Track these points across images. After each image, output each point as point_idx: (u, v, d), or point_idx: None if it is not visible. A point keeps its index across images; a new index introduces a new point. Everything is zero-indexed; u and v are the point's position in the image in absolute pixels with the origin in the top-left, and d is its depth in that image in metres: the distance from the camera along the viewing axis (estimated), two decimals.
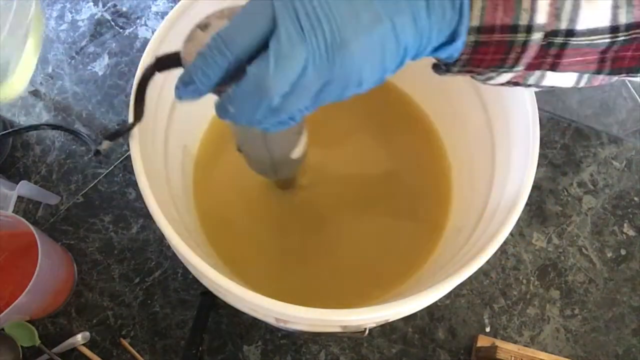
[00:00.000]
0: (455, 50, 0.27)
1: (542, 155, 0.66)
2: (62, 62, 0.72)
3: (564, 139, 0.68)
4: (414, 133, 0.59)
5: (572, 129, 0.68)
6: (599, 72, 0.29)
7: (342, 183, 0.57)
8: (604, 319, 0.60)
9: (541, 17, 0.26)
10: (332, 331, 0.38)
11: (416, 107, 0.60)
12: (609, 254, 0.63)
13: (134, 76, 0.40)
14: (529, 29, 0.26)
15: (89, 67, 0.71)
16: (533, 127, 0.39)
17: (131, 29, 0.73)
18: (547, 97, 0.69)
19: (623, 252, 0.63)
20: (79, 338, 0.57)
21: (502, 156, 0.45)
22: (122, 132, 0.37)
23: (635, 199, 0.65)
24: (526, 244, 0.63)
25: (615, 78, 0.30)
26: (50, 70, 0.71)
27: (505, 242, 0.39)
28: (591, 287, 0.61)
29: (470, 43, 0.27)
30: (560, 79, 0.30)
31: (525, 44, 0.27)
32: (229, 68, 0.25)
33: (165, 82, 0.44)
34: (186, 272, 0.60)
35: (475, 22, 0.26)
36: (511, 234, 0.49)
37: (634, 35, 0.27)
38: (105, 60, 0.72)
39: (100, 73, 0.71)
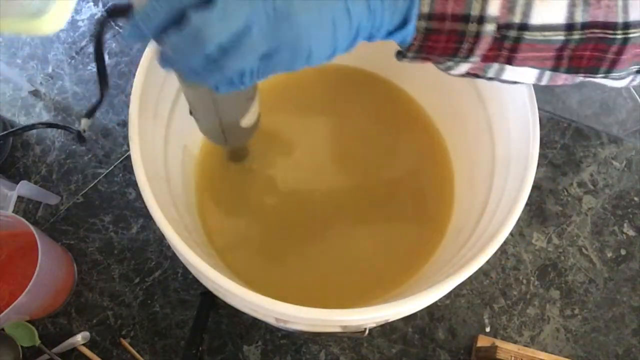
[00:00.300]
0: (407, 34, 0.28)
1: (542, 155, 0.66)
2: (62, 62, 0.72)
3: (564, 139, 0.68)
4: (415, 133, 0.59)
5: (572, 129, 0.68)
6: (556, 69, 0.29)
7: (343, 183, 0.57)
8: (604, 319, 0.60)
9: (493, 8, 0.26)
10: (332, 331, 0.38)
11: (417, 107, 0.60)
12: (609, 254, 0.63)
13: (134, 76, 0.40)
14: (481, 20, 0.27)
15: (89, 67, 0.71)
16: (533, 127, 0.39)
17: None
18: (547, 97, 0.69)
19: (623, 252, 0.63)
20: (79, 338, 0.57)
21: (502, 156, 0.45)
22: (96, 106, 0.37)
23: (635, 199, 0.65)
24: (526, 244, 0.63)
25: (579, 78, 0.30)
26: (50, 70, 0.71)
27: (505, 242, 0.39)
28: (591, 287, 0.61)
29: (421, 29, 0.28)
30: (521, 74, 0.30)
31: (477, 35, 0.27)
32: (173, 14, 0.25)
33: (165, 81, 0.44)
34: (186, 272, 0.60)
35: (426, 9, 0.27)
36: (511, 234, 0.49)
37: (589, 35, 0.27)
38: (105, 60, 0.72)
39: None
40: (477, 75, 0.31)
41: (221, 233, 0.54)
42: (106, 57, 0.72)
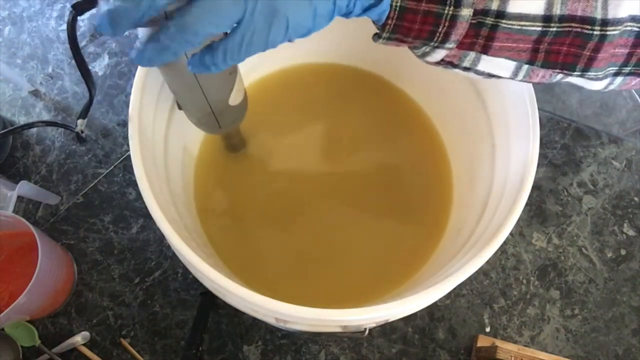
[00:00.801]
0: (382, 11, 0.28)
1: (542, 155, 0.66)
2: (62, 62, 0.72)
3: (564, 139, 0.68)
4: (415, 133, 0.59)
5: (572, 129, 0.68)
6: (532, 62, 0.29)
7: (342, 183, 0.57)
8: (604, 319, 0.60)
9: None
10: (332, 331, 0.38)
11: (416, 107, 0.60)
12: (609, 254, 0.63)
13: (134, 76, 0.40)
14: (458, 3, 0.27)
15: (89, 67, 0.71)
16: (533, 127, 0.39)
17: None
18: (547, 97, 0.69)
19: (623, 252, 0.63)
20: (79, 338, 0.57)
21: (502, 156, 0.45)
22: (88, 106, 0.38)
23: (635, 199, 0.65)
24: (526, 244, 0.63)
25: (557, 77, 0.30)
26: (50, 70, 0.71)
27: (505, 242, 0.39)
28: (591, 287, 0.61)
29: (395, 6, 0.27)
30: (496, 66, 0.30)
31: (453, 19, 0.27)
32: None
33: (165, 82, 0.44)
34: (186, 272, 0.60)
35: None
36: (511, 234, 0.49)
37: (567, 29, 0.27)
38: (105, 60, 0.72)
39: (100, 73, 0.71)
40: (452, 64, 0.30)
41: (221, 233, 0.54)
42: (106, 57, 0.72)
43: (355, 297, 0.50)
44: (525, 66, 0.29)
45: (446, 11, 0.27)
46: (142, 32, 0.33)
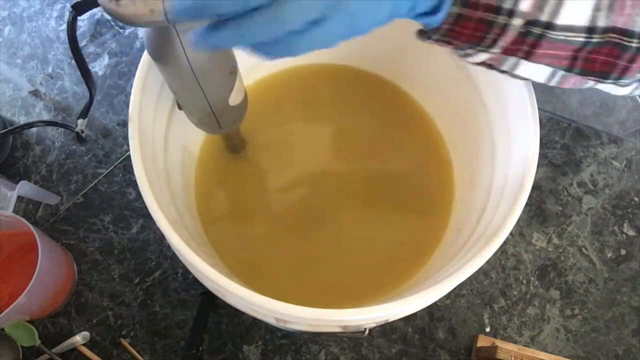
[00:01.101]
0: (438, 18, 0.29)
1: (542, 155, 0.66)
2: (62, 62, 0.72)
3: (564, 139, 0.68)
4: (416, 134, 0.59)
5: (572, 129, 0.68)
6: (569, 69, 0.30)
7: (343, 183, 0.57)
8: (604, 319, 0.60)
9: (525, 4, 0.27)
10: (332, 331, 0.38)
11: (418, 107, 0.60)
12: (609, 254, 0.63)
13: (134, 76, 0.40)
14: (511, 14, 0.28)
15: (89, 67, 0.71)
16: (533, 127, 0.39)
17: (131, 29, 0.73)
18: (547, 97, 0.69)
19: (623, 252, 0.63)
20: (79, 338, 0.57)
21: (502, 156, 0.45)
22: (88, 106, 0.38)
23: (635, 199, 0.65)
24: (526, 244, 0.63)
25: (587, 83, 0.31)
26: (50, 70, 0.72)
27: (505, 242, 0.39)
28: (591, 287, 0.61)
29: (453, 14, 0.28)
30: (534, 71, 0.31)
31: (504, 27, 0.28)
32: None
33: (165, 82, 0.44)
34: (186, 272, 0.60)
35: None
36: (511, 234, 0.49)
37: (607, 39, 0.28)
38: (105, 60, 0.72)
39: (100, 73, 0.71)
40: (491, 66, 0.32)
41: (221, 233, 0.54)
42: (106, 57, 0.72)
43: (355, 297, 0.50)
44: (561, 72, 0.31)
45: (499, 20, 0.28)
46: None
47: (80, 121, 0.39)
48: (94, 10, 0.75)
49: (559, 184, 0.66)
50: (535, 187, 0.65)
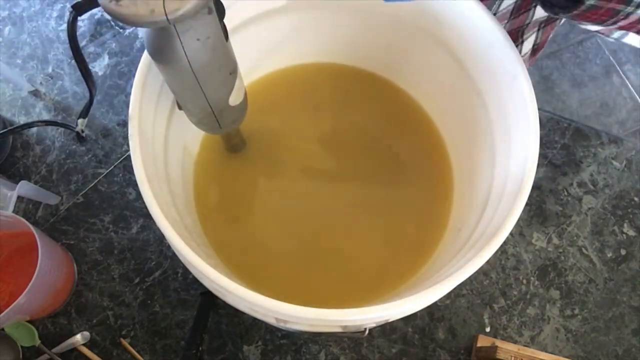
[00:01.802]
0: (574, 10, 0.32)
1: (542, 155, 0.66)
2: (62, 62, 0.72)
3: (564, 139, 0.68)
4: (416, 133, 0.59)
5: (572, 129, 0.68)
6: None
7: (342, 183, 0.57)
8: (604, 319, 0.60)
9: None
10: (332, 331, 0.38)
11: (417, 107, 0.60)
12: (609, 254, 0.63)
13: (134, 76, 0.40)
14: (638, 4, 0.31)
15: (89, 67, 0.71)
16: (533, 126, 0.39)
17: (131, 29, 0.73)
18: (547, 97, 0.69)
19: (623, 252, 0.63)
20: (79, 338, 0.57)
21: (502, 156, 0.45)
22: (89, 106, 0.38)
23: (635, 199, 0.65)
24: (526, 244, 0.63)
25: None
26: (50, 70, 0.72)
27: (505, 242, 0.39)
28: (591, 287, 0.61)
29: (587, 6, 0.31)
30: (635, 40, 0.36)
31: (628, 15, 0.31)
32: None
33: (165, 82, 0.44)
34: (186, 272, 0.60)
35: None
36: (511, 234, 0.49)
37: None
38: (105, 60, 0.72)
39: (100, 73, 0.71)
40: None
41: (221, 233, 0.54)
42: (106, 57, 0.72)
43: (355, 297, 0.50)
44: None
45: (627, 9, 0.31)
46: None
47: (80, 121, 0.39)
48: (94, 10, 0.75)
49: (559, 184, 0.66)
50: (535, 187, 0.65)
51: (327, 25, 0.54)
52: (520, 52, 0.59)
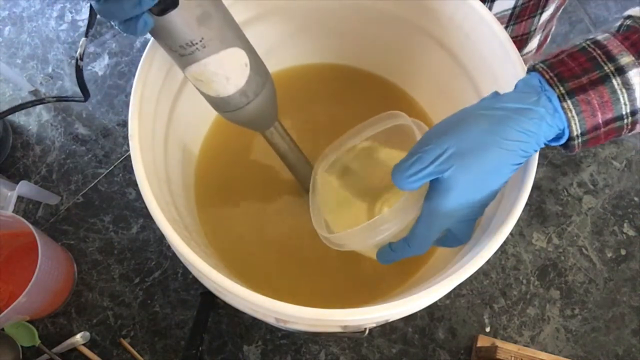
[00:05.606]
0: (565, 145, 0.32)
1: (542, 155, 0.66)
2: (62, 62, 0.72)
3: None
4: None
5: None
6: None
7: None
8: (604, 319, 0.60)
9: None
10: (332, 331, 0.38)
11: (417, 107, 0.60)
12: (609, 254, 0.63)
13: (134, 76, 0.40)
14: (634, 113, 0.30)
15: (89, 67, 0.71)
16: None
17: None
18: None
19: (623, 252, 0.63)
20: (79, 338, 0.57)
21: None
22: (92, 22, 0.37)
23: (635, 199, 0.65)
24: (526, 244, 0.63)
25: None
26: (50, 70, 0.71)
27: (505, 242, 0.39)
28: (591, 287, 0.61)
29: (580, 144, 0.31)
30: None
31: (634, 123, 0.30)
32: None
33: (165, 82, 0.44)
34: (186, 272, 0.60)
35: (576, 132, 0.30)
36: (511, 234, 0.49)
37: None
38: (105, 60, 0.72)
39: (100, 73, 0.71)
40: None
41: (221, 233, 0.54)
42: (106, 57, 0.72)
43: (355, 297, 0.50)
44: None
45: (626, 122, 0.30)
46: None
47: (83, 40, 0.36)
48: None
49: (559, 184, 0.66)
50: (535, 187, 0.65)
51: (327, 25, 0.54)
52: (526, 48, 0.59)
